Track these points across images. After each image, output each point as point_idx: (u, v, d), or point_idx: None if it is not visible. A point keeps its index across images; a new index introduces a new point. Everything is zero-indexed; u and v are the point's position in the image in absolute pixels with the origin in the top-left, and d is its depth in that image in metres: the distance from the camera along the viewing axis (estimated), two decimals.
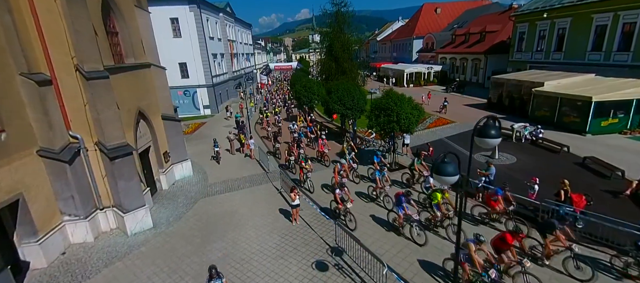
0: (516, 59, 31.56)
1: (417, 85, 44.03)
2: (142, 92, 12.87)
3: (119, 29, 11.99)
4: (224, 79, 37.70)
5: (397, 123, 13.42)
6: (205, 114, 33.90)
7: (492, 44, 36.48)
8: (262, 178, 15.31)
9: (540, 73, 24.42)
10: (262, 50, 79.39)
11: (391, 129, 13.66)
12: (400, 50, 63.39)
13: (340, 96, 18.57)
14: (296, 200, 10.58)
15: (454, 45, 44.13)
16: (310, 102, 25.78)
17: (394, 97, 13.68)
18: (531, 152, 15.76)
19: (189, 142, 22.58)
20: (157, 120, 13.91)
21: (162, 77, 14.38)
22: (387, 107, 13.54)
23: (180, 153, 15.47)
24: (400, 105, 13.38)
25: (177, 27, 31.15)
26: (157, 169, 13.98)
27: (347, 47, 35.90)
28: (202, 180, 15.32)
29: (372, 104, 14.68)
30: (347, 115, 18.93)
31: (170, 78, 32.79)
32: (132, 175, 10.48)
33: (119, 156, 10.02)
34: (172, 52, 31.11)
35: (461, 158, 5.20)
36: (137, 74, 12.62)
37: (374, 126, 14.30)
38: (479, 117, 5.48)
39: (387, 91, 14.29)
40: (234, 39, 43.98)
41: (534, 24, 28.80)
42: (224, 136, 22.08)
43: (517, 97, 23.71)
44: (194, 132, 26.21)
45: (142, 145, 12.77)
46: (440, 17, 58.83)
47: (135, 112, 12.08)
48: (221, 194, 13.70)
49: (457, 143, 18.07)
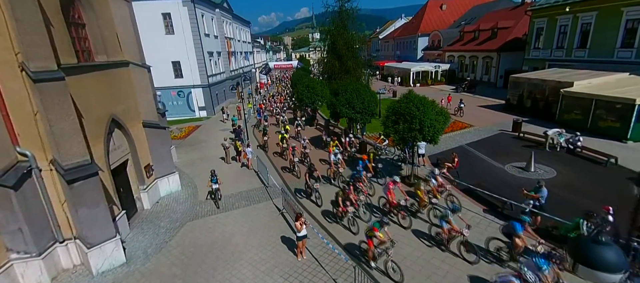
0: (533, 56, 29.48)
1: (423, 84, 41.95)
2: (116, 95, 10.78)
3: (87, 20, 9.89)
4: (220, 79, 35.59)
5: (419, 131, 11.34)
6: (201, 116, 31.82)
7: (505, 41, 34.37)
8: (261, 194, 13.24)
9: (566, 72, 22.33)
10: (262, 48, 77.21)
11: (412, 138, 11.58)
12: (404, 48, 61.26)
13: (348, 98, 16.49)
14: (303, 230, 8.53)
15: (463, 43, 42.00)
16: (314, 104, 23.70)
17: (415, 100, 11.59)
18: (570, 163, 13.67)
19: (181, 148, 20.53)
20: (136, 128, 11.83)
21: (143, 77, 12.30)
22: (408, 112, 11.45)
23: (166, 165, 13.39)
24: (424, 110, 11.29)
25: (169, 23, 29.03)
26: (137, 186, 11.91)
27: (351, 45, 33.90)
28: (191, 197, 13.25)
29: (389, 108, 12.60)
30: (356, 119, 16.86)
31: (163, 78, 31.00)
32: (98, 201, 8.41)
33: (79, 178, 7.95)
34: (165, 50, 29.09)
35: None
36: (110, 75, 10.53)
37: (391, 134, 12.22)
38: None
39: (406, 94, 12.19)
40: (231, 36, 41.86)
41: (554, 19, 26.70)
42: (220, 142, 20.07)
43: (541, 98, 21.62)
44: (187, 136, 24.11)
45: (117, 159, 10.70)
46: (445, 13, 56.65)
47: (106, 120, 10.00)
48: (212, 215, 11.63)
49: (480, 151, 16.00)
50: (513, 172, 13.32)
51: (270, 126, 24.26)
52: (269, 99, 39.37)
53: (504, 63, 34.75)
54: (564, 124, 18.34)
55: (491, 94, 31.55)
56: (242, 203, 12.43)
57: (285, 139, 17.11)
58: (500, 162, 14.29)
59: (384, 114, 13.03)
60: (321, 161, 16.16)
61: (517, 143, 16.85)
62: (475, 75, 38.66)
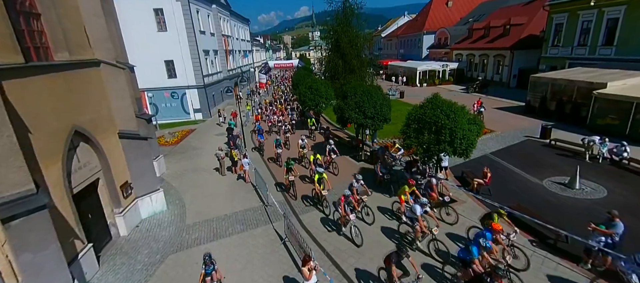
0: (551, 54, 27.53)
1: (431, 84, 40.03)
2: (82, 102, 8.84)
3: (42, 9, 7.94)
4: (217, 79, 33.60)
5: (449, 144, 9.42)
6: (196, 118, 29.86)
7: (519, 38, 32.41)
8: (259, 215, 11.32)
9: (593, 71, 20.40)
10: (261, 47, 75.18)
11: (441, 151, 9.66)
12: (408, 46, 59.32)
13: (358, 101, 14.55)
14: (312, 278, 6.62)
15: (472, 40, 40.04)
16: (317, 106, 21.76)
17: (444, 106, 9.65)
18: (620, 179, 11.71)
19: (171, 156, 18.61)
20: (110, 140, 9.90)
21: (118, 79, 10.33)
22: (435, 120, 9.52)
23: (149, 182, 11.45)
24: (455, 118, 9.36)
25: (162, 20, 27.04)
26: (112, 209, 9.99)
27: (356, 42, 31.99)
28: (178, 219, 11.31)
29: (410, 115, 10.67)
30: (367, 125, 14.93)
31: (156, 78, 29.05)
32: (46, 243, 6.49)
33: (18, 215, 6.03)
34: (157, 48, 27.18)
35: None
36: (73, 77, 8.58)
37: (414, 146, 10.29)
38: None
39: (431, 99, 10.26)
40: (229, 34, 39.87)
41: (575, 15, 24.75)
42: (214, 151, 18.28)
43: (567, 100, 19.69)
44: (180, 142, 22.15)
45: (83, 180, 8.77)
46: (452, 10, 54.66)
47: (67, 133, 8.06)
48: (201, 245, 9.69)
49: (508, 162, 14.08)
50: (554, 189, 11.39)
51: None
52: (265, 107, 31.64)
53: (517, 62, 32.81)
54: (596, 129, 16.44)
55: (505, 94, 29.64)
56: (237, 228, 10.50)
57: (323, 181, 10.92)
58: (536, 176, 12.37)
59: (404, 120, 11.10)
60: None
61: (549, 153, 14.93)
62: (486, 75, 36.69)
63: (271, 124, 24.87)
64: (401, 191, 9.51)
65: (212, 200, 12.71)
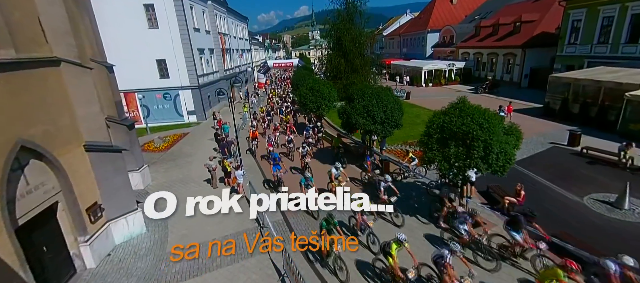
0: (567, 53, 25.89)
1: (436, 84, 38.38)
2: (32, 110, 7.17)
3: None
4: (213, 79, 31.89)
5: (483, 159, 7.77)
6: (190, 121, 28.17)
7: (531, 36, 30.75)
8: (253, 238, 9.65)
9: (619, 70, 18.75)
10: (260, 46, 73.41)
11: (472, 167, 8.02)
12: (411, 45, 57.65)
13: (367, 105, 12.91)
14: None
15: (479, 39, 38.39)
16: (319, 109, 20.10)
17: (476, 114, 7.98)
18: None
19: (159, 164, 16.96)
20: (72, 155, 8.22)
21: (84, 81, 8.65)
22: (465, 131, 7.86)
23: (124, 201, 9.79)
24: (490, 128, 7.71)
25: (152, 16, 25.32)
26: (76, 238, 8.32)
27: (359, 40, 30.39)
28: (158, 245, 9.66)
29: (432, 123, 9.01)
30: (377, 131, 13.29)
31: (147, 78, 27.36)
32: None
33: None
34: (148, 47, 25.48)
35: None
36: (20, 79, 6.91)
37: (437, 160, 8.65)
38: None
39: (457, 104, 8.61)
40: (226, 32, 38.16)
41: (595, 10, 23.13)
42: (207, 156, 16.64)
43: (592, 102, 18.04)
44: (171, 147, 20.46)
45: (35, 206, 7.10)
46: (456, 8, 52.96)
47: (7, 150, 6.40)
48: (183, 282, 8.06)
49: (538, 174, 12.45)
50: (598, 208, 9.76)
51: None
52: (260, 118, 23.94)
53: (529, 60, 31.17)
54: (629, 135, 14.79)
55: (517, 95, 27.95)
56: (226, 259, 8.85)
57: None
58: (574, 192, 10.73)
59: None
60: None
61: (580, 163, 13.29)
62: (495, 74, 35.03)
63: (271, 148, 15.99)
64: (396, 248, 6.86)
65: (200, 220, 11.02)
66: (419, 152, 14.97)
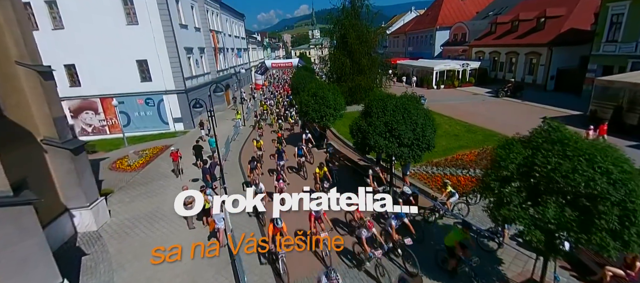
0: (606, 52, 22.63)
1: (449, 85, 35.15)
2: None
3: None
4: (204, 82, 28.63)
5: (615, 233, 4.54)
6: (176, 129, 24.98)
7: (558, 33, 27.50)
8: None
9: None
10: (258, 45, 69.99)
11: (596, 243, 4.78)
12: (417, 43, 54.48)
13: (390, 122, 9.68)
14: None
15: (496, 36, 35.16)
16: (323, 120, 16.86)
17: (596, 156, 4.74)
18: None
19: (126, 191, 13.72)
20: None
21: None
22: (578, 184, 4.63)
23: (39, 275, 6.58)
24: (627, 182, 4.48)
25: (131, 10, 22.13)
26: None
27: (366, 39, 27.22)
28: None
29: (499, 157, 5.76)
30: (402, 155, 10.05)
31: (127, 81, 23.77)
32: None
33: None
34: (127, 45, 22.35)
35: None
36: None
37: (523, 224, 5.41)
38: None
39: (550, 132, 5.40)
40: (219, 29, 34.94)
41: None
42: (188, 177, 13.65)
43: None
44: (147, 164, 17.20)
45: None
46: (466, 4, 49.73)
47: None
48: None
49: None
50: None
51: None
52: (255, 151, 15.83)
53: (556, 60, 27.92)
54: None
55: (544, 99, 24.74)
56: None
57: None
58: None
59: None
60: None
61: None
62: (515, 76, 31.77)
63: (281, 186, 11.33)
64: None
65: (163, 275, 7.88)
66: (462, 178, 11.89)
